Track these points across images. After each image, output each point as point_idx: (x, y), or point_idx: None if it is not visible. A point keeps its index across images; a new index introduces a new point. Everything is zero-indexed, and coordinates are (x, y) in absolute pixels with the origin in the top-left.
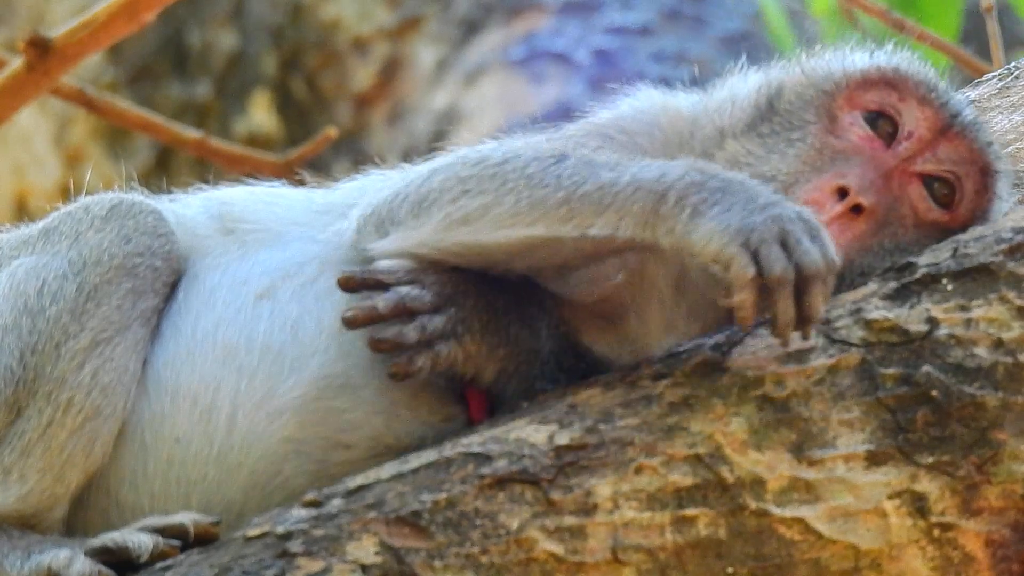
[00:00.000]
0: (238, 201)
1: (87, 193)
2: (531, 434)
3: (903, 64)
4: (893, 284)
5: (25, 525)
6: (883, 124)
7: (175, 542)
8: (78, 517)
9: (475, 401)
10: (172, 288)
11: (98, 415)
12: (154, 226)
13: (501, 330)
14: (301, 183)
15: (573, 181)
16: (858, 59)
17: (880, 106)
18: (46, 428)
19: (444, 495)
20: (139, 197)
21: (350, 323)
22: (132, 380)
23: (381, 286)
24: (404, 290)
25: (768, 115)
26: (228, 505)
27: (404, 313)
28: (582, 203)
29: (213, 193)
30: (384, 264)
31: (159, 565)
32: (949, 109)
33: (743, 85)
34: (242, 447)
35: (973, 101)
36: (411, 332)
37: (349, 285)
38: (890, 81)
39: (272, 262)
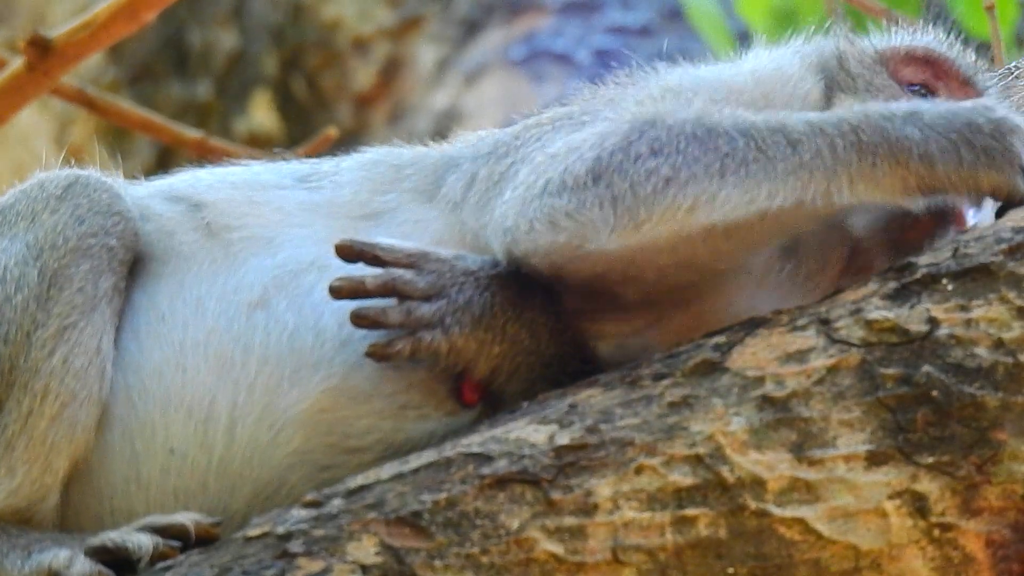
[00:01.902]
0: (221, 201)
1: None
2: (531, 434)
3: (945, 47)
4: (893, 284)
5: (21, 520)
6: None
7: (175, 543)
8: (70, 520)
9: (468, 383)
10: (132, 267)
11: (74, 400)
12: (108, 204)
13: (496, 328)
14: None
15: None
16: (903, 36)
17: (924, 80)
18: (27, 419)
19: (444, 495)
20: (95, 174)
21: (335, 292)
22: (105, 360)
23: (378, 261)
24: (398, 272)
25: (844, 79)
26: (232, 515)
27: (392, 294)
28: (843, 168)
29: (182, 178)
30: (387, 242)
31: (159, 565)
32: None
33: (780, 59)
34: (243, 459)
35: None
36: (394, 314)
37: (346, 253)
38: (932, 60)
39: (264, 270)
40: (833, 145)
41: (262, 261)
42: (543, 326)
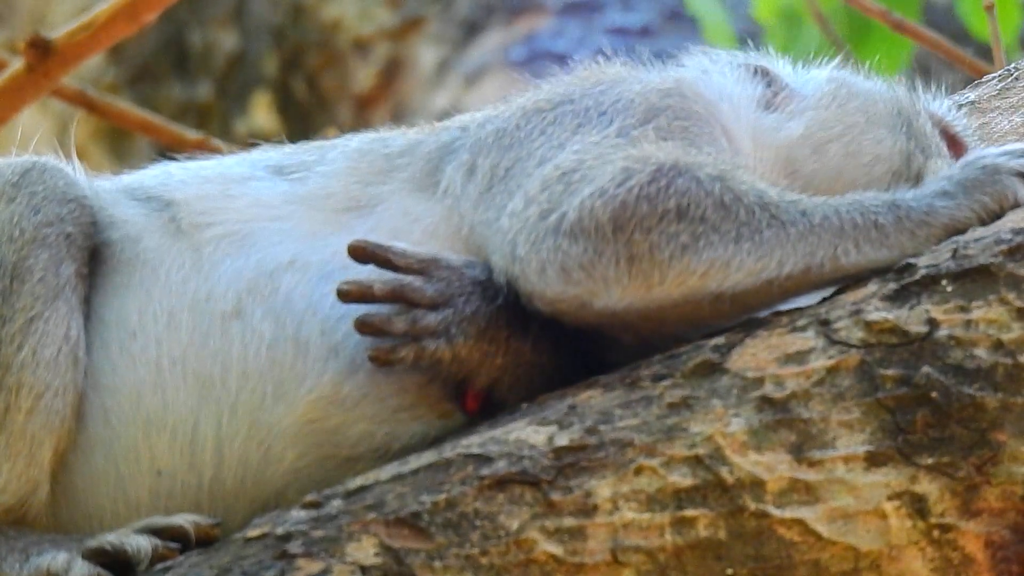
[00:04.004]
0: (192, 198)
1: None
2: (531, 435)
3: (969, 130)
4: (893, 285)
5: (15, 519)
6: None
7: (174, 544)
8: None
9: (471, 391)
10: (98, 278)
11: (48, 390)
12: (63, 191)
13: (500, 340)
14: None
15: (825, 219)
16: (940, 104)
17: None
18: (4, 415)
19: (444, 496)
20: (51, 160)
21: (343, 296)
22: (76, 347)
23: (390, 265)
24: (407, 279)
25: (922, 140)
26: (228, 534)
27: (400, 300)
28: (851, 234)
29: (148, 176)
30: (400, 246)
31: (158, 566)
32: None
33: (843, 96)
34: (235, 480)
35: (973, 102)
36: (399, 322)
37: (358, 254)
38: (957, 141)
39: (238, 273)
40: (838, 211)
41: (235, 263)
42: (547, 339)
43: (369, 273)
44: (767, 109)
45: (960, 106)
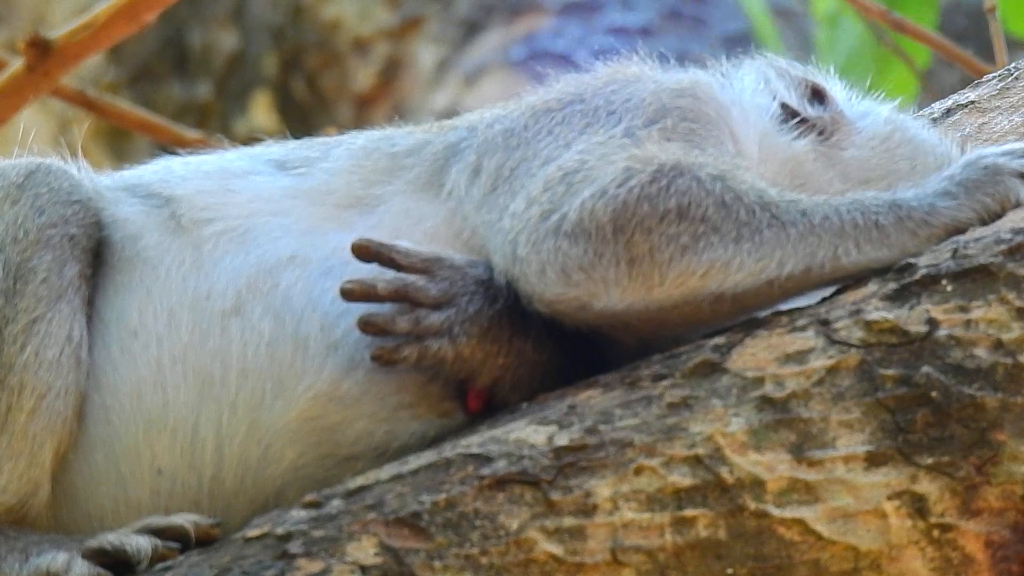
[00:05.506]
0: (193, 194)
1: None
2: (531, 435)
3: None
4: (893, 285)
5: (15, 519)
6: None
7: (174, 544)
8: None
9: (472, 390)
10: (99, 278)
11: (50, 391)
12: (68, 193)
13: (503, 340)
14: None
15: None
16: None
17: None
18: (6, 415)
19: (444, 496)
20: (56, 162)
21: (346, 295)
22: (78, 349)
23: (394, 264)
24: (411, 278)
25: None
26: (228, 533)
27: (404, 300)
28: (854, 235)
29: (147, 172)
30: (403, 245)
31: (158, 566)
32: None
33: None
34: (235, 479)
35: (973, 102)
36: (402, 322)
37: (362, 253)
38: None
39: (238, 271)
40: (839, 211)
41: (235, 260)
42: (549, 339)
43: (371, 272)
44: (820, 133)
45: (960, 106)
